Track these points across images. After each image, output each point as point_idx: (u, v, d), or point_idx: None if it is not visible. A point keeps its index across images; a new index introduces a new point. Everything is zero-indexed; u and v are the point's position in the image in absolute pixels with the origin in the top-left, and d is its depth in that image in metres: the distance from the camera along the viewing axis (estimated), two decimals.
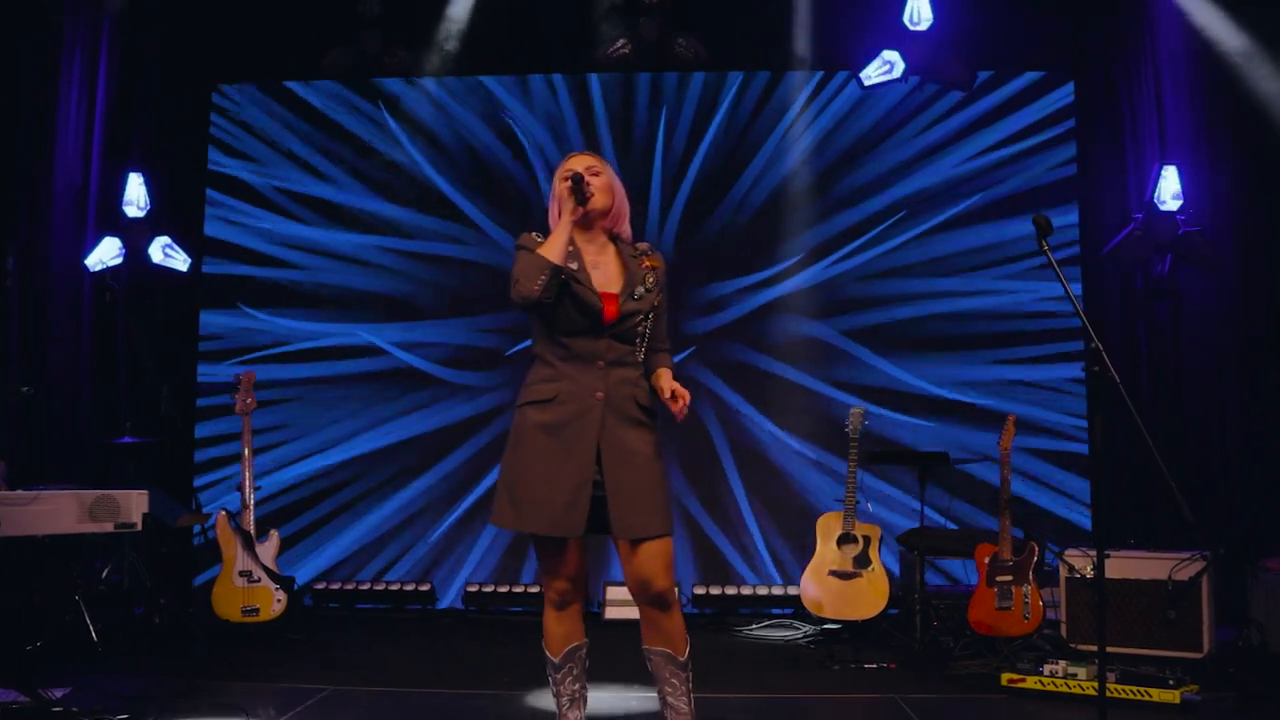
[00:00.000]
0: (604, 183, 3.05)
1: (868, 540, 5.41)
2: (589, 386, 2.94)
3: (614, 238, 3.11)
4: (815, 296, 6.50)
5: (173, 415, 6.33)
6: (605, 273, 3.03)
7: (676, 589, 3.07)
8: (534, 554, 3.04)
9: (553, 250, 2.92)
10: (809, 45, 6.45)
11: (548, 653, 3.04)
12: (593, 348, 2.97)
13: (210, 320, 6.70)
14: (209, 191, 6.76)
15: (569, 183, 2.96)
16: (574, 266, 2.98)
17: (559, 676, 3.03)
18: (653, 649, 3.02)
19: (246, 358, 6.60)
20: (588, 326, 2.96)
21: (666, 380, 3.00)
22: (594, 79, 6.68)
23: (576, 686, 3.04)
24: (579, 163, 3.07)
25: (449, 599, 6.37)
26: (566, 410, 2.94)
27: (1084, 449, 6.27)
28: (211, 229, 6.75)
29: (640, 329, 3.01)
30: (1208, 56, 5.87)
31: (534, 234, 3.04)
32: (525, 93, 6.72)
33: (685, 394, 2.96)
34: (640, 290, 3.01)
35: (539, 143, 6.70)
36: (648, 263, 3.07)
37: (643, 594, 2.99)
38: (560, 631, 3.03)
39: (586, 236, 3.07)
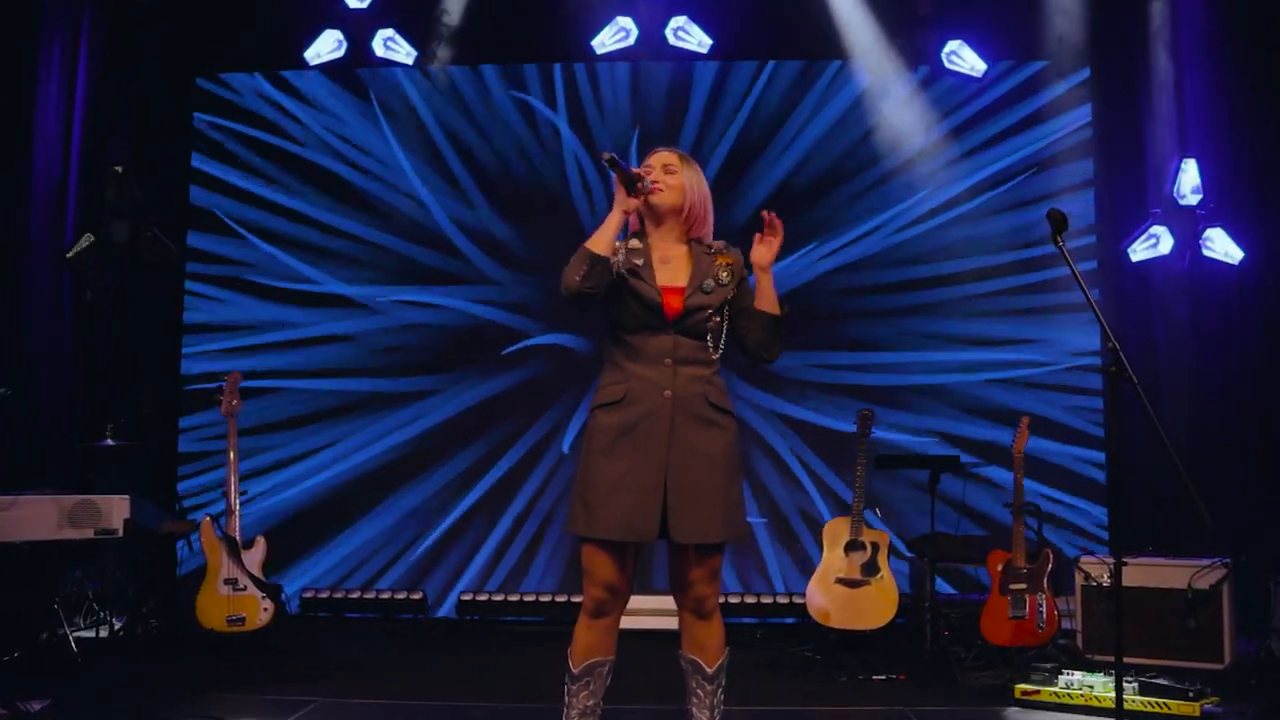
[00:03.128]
0: (677, 182, 3.07)
1: (876, 547, 5.40)
2: (657, 385, 2.97)
3: (692, 239, 3.12)
4: (821, 292, 6.49)
5: (155, 417, 6.33)
6: (673, 268, 3.05)
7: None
8: (581, 556, 3.01)
9: (597, 240, 2.94)
10: (816, 35, 6.44)
11: (569, 662, 3.00)
12: (659, 345, 2.99)
13: (195, 319, 6.70)
14: (193, 186, 6.75)
15: (620, 171, 2.96)
16: (639, 262, 3.01)
17: (574, 689, 2.99)
18: (684, 655, 3.06)
19: (231, 344, 6.61)
20: (651, 323, 2.99)
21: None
22: (599, 67, 6.68)
23: (591, 703, 3.00)
24: (658, 159, 3.11)
25: (442, 608, 6.36)
26: (635, 411, 2.96)
27: (1101, 452, 6.26)
28: (195, 224, 6.74)
29: (711, 324, 3.02)
30: (1230, 41, 5.85)
31: None
32: (522, 82, 6.72)
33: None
34: (710, 283, 3.02)
35: (536, 132, 6.70)
36: (721, 259, 3.07)
37: (683, 598, 3.03)
38: (587, 642, 2.99)
39: (659, 233, 3.10)
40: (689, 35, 6.43)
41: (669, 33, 6.42)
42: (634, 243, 3.05)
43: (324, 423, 6.61)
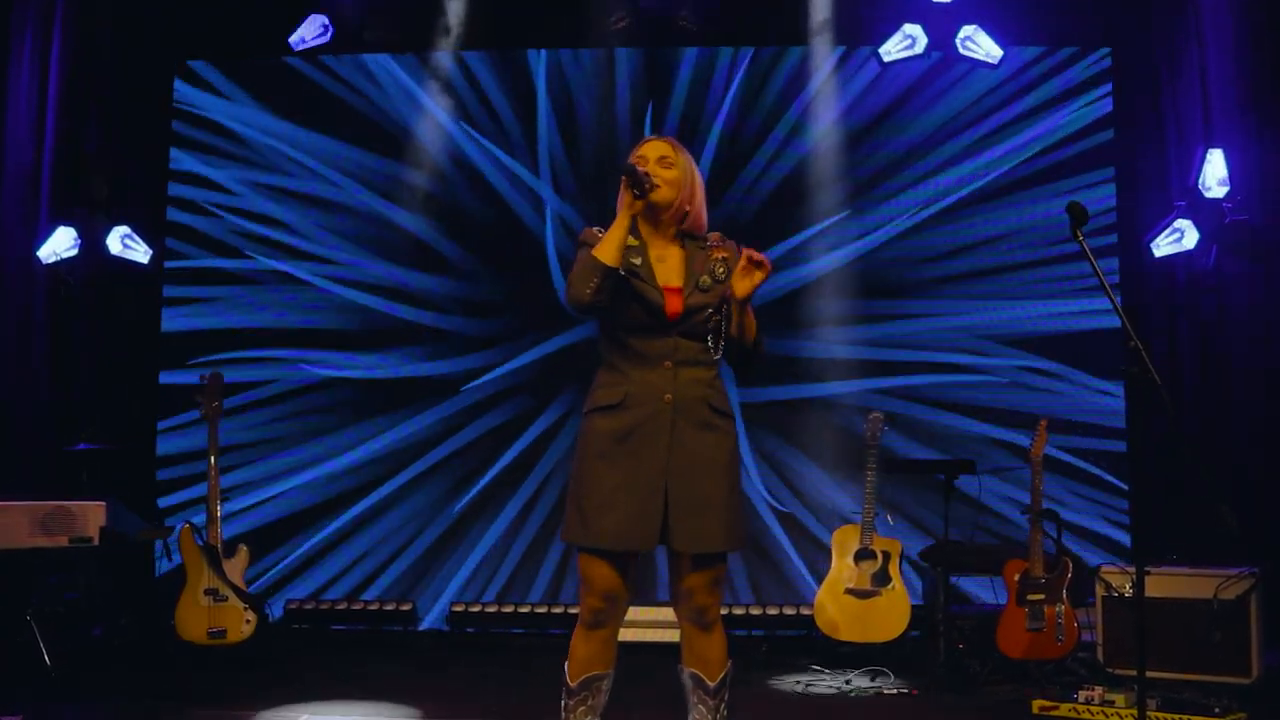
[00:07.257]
0: (673, 176, 3.03)
1: (887, 556, 5.41)
2: (657, 389, 2.96)
3: (685, 233, 3.10)
4: (829, 286, 6.49)
5: (134, 419, 6.33)
6: (669, 266, 3.03)
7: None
8: (577, 565, 3.01)
9: (607, 250, 2.90)
10: (825, 19, 6.45)
11: (565, 676, 3.01)
12: (659, 347, 2.98)
13: (174, 317, 6.70)
14: (171, 178, 6.74)
15: (633, 178, 2.93)
16: (637, 261, 2.99)
17: (571, 704, 2.99)
18: (685, 669, 3.06)
19: (211, 342, 6.62)
20: (652, 324, 2.97)
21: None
22: (599, 56, 6.69)
23: (590, 719, 3.01)
24: (652, 150, 3.06)
25: (432, 619, 6.37)
26: (634, 415, 2.95)
27: (1122, 456, 6.26)
28: (175, 217, 6.74)
29: (712, 324, 3.00)
30: (1258, 27, 5.83)
31: (596, 229, 3.03)
32: (518, 71, 6.72)
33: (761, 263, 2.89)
34: (706, 280, 3.00)
35: (532, 124, 6.71)
36: (717, 253, 3.04)
37: (684, 608, 3.04)
38: (584, 654, 2.99)
39: (654, 228, 3.07)
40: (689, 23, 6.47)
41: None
42: (630, 239, 3.00)
43: (309, 427, 6.62)
